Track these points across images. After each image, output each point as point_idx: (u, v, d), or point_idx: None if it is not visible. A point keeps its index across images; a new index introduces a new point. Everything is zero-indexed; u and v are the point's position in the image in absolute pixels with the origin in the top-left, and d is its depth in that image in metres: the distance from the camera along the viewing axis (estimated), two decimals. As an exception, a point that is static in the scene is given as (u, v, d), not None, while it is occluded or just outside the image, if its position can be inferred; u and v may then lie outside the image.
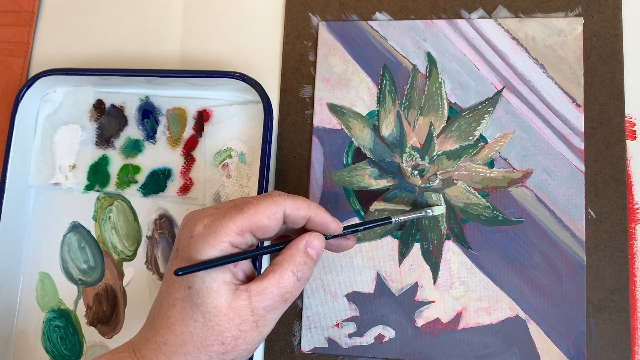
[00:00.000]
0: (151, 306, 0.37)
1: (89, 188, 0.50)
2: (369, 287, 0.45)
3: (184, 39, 0.52)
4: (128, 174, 0.50)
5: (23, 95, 0.49)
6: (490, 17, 0.48)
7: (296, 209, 0.36)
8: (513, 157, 0.45)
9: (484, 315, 0.44)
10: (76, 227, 0.50)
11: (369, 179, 0.47)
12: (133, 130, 0.50)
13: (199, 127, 0.49)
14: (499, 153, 0.45)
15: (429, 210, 0.44)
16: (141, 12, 0.53)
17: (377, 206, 0.46)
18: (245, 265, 0.36)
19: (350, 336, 0.45)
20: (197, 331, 0.33)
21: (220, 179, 0.48)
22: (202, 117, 0.49)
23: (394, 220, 0.41)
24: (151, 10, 0.53)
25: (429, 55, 0.48)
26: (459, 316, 0.44)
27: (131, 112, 0.51)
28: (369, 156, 0.47)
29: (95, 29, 0.54)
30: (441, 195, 0.45)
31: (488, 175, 0.45)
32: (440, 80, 0.47)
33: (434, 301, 0.44)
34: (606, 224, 0.43)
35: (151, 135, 0.50)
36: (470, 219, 0.45)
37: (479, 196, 0.45)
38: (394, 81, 0.48)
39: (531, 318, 0.43)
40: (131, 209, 0.50)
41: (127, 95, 0.51)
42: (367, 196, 0.46)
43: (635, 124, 0.45)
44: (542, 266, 0.43)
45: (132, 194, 0.50)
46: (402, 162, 0.46)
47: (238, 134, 0.48)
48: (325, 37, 0.49)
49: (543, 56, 0.46)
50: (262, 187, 0.44)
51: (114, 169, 0.50)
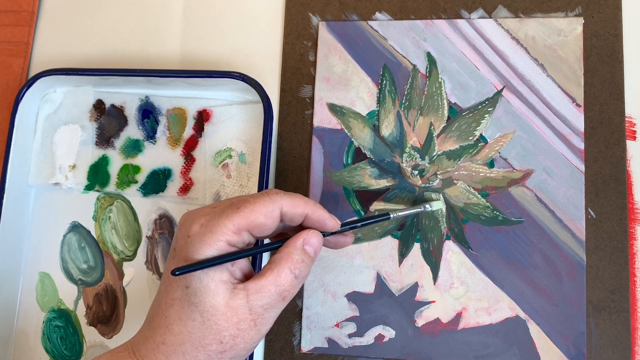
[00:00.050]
0: (150, 306, 0.37)
1: (89, 188, 0.50)
2: (369, 287, 0.45)
3: (184, 39, 0.52)
4: (128, 174, 0.50)
5: (23, 95, 0.49)
6: (490, 17, 0.48)
7: (293, 206, 0.36)
8: (513, 157, 0.45)
9: (484, 315, 0.44)
10: (76, 227, 0.50)
11: (369, 179, 0.47)
12: (133, 130, 0.50)
13: (199, 127, 0.49)
14: (499, 153, 0.45)
15: (428, 206, 0.44)
16: (141, 12, 0.53)
17: (377, 206, 0.46)
18: (243, 264, 0.35)
19: (350, 336, 0.45)
20: (195, 330, 0.33)
21: (220, 179, 0.48)
22: (202, 117, 0.49)
23: (392, 216, 0.41)
24: (151, 10, 0.53)
25: (429, 55, 0.48)
26: (459, 316, 0.44)
27: (131, 112, 0.51)
28: (369, 156, 0.47)
29: (95, 29, 0.54)
30: (441, 195, 0.45)
31: (488, 175, 0.45)
32: (440, 80, 0.47)
33: (434, 301, 0.44)
34: (606, 224, 0.43)
35: (151, 135, 0.50)
36: (470, 219, 0.45)
37: (479, 196, 0.45)
38: (394, 81, 0.48)
39: (531, 318, 0.43)
40: (131, 209, 0.50)
41: (127, 95, 0.51)
42: (367, 196, 0.46)
43: (635, 124, 0.45)
44: (542, 266, 0.43)
45: (132, 194, 0.50)
46: (402, 162, 0.46)
47: (238, 134, 0.48)
48: (325, 37, 0.49)
49: (543, 56, 0.46)
50: (262, 187, 0.44)
51: (114, 169, 0.50)
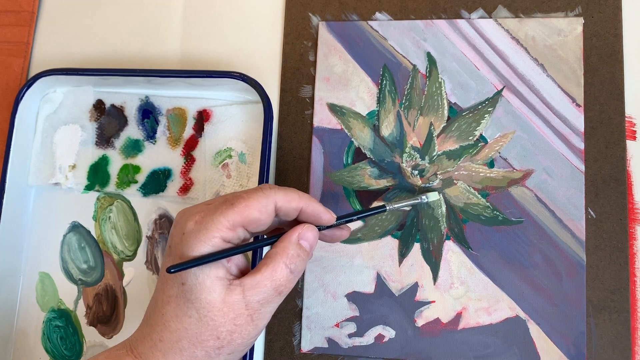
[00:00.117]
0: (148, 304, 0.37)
1: (89, 188, 0.50)
2: (369, 287, 0.45)
3: (184, 39, 0.52)
4: (128, 174, 0.50)
5: (23, 95, 0.49)
6: (490, 17, 0.48)
7: (287, 200, 0.36)
8: (513, 157, 0.45)
9: (484, 315, 0.44)
10: (76, 227, 0.50)
11: (369, 179, 0.47)
12: (133, 130, 0.50)
13: (199, 127, 0.49)
14: (499, 153, 0.45)
15: (424, 197, 0.44)
16: (141, 12, 0.53)
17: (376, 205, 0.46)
18: (238, 260, 0.36)
19: (350, 336, 0.45)
20: (192, 327, 0.33)
21: (220, 179, 0.48)
22: (202, 117, 0.49)
23: (388, 208, 0.41)
24: (151, 10, 0.53)
25: (429, 55, 0.48)
26: (459, 316, 0.44)
27: (131, 112, 0.51)
28: (369, 156, 0.47)
29: (95, 29, 0.54)
30: (441, 195, 0.45)
31: (488, 175, 0.45)
32: (440, 80, 0.47)
33: (434, 301, 0.44)
34: (606, 224, 0.43)
35: (151, 135, 0.50)
36: (470, 219, 0.45)
37: (479, 196, 0.45)
38: (394, 81, 0.48)
39: (531, 318, 0.43)
40: (131, 209, 0.50)
41: (127, 95, 0.51)
42: (367, 196, 0.46)
43: (635, 124, 0.45)
44: (542, 266, 0.43)
45: (132, 194, 0.50)
46: (402, 162, 0.46)
47: (238, 134, 0.48)
48: (325, 37, 0.49)
49: (543, 56, 0.46)
50: (262, 187, 0.44)
51: (114, 169, 0.50)
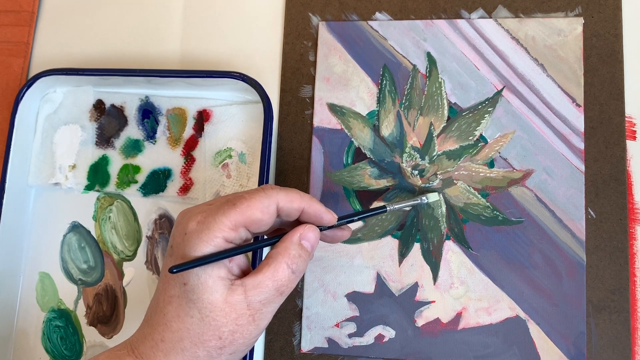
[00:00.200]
0: (149, 304, 0.37)
1: (89, 188, 0.50)
2: (369, 287, 0.45)
3: (184, 39, 0.52)
4: (128, 174, 0.50)
5: (23, 95, 0.49)
6: (490, 17, 0.48)
7: (289, 201, 0.36)
8: (513, 157, 0.45)
9: (484, 315, 0.44)
10: (76, 227, 0.50)
11: (369, 179, 0.47)
12: (133, 130, 0.50)
13: (199, 127, 0.49)
14: (499, 153, 0.45)
15: (424, 198, 0.44)
16: (141, 12, 0.53)
17: (376, 206, 0.46)
18: (240, 260, 0.36)
19: (350, 336, 0.45)
20: (194, 327, 0.33)
21: (220, 179, 0.48)
22: (202, 117, 0.49)
23: (388, 209, 0.41)
24: (151, 10, 0.53)
25: (429, 55, 0.48)
26: (459, 316, 0.44)
27: (131, 112, 0.51)
28: (369, 156, 0.47)
29: (95, 29, 0.54)
30: (441, 195, 0.45)
31: (488, 175, 0.45)
32: (440, 80, 0.47)
33: (434, 301, 0.44)
34: (606, 224, 0.43)
35: (151, 135, 0.50)
36: (470, 219, 0.45)
37: (479, 196, 0.45)
38: (394, 81, 0.48)
39: (531, 318, 0.43)
40: (131, 209, 0.50)
41: (127, 95, 0.51)
42: (367, 196, 0.46)
43: (635, 124, 0.45)
44: (542, 266, 0.43)
45: (132, 194, 0.50)
46: (402, 162, 0.46)
47: (238, 134, 0.48)
48: (325, 37, 0.49)
49: (543, 56, 0.46)
50: (262, 187, 0.44)
51: (114, 169, 0.50)
